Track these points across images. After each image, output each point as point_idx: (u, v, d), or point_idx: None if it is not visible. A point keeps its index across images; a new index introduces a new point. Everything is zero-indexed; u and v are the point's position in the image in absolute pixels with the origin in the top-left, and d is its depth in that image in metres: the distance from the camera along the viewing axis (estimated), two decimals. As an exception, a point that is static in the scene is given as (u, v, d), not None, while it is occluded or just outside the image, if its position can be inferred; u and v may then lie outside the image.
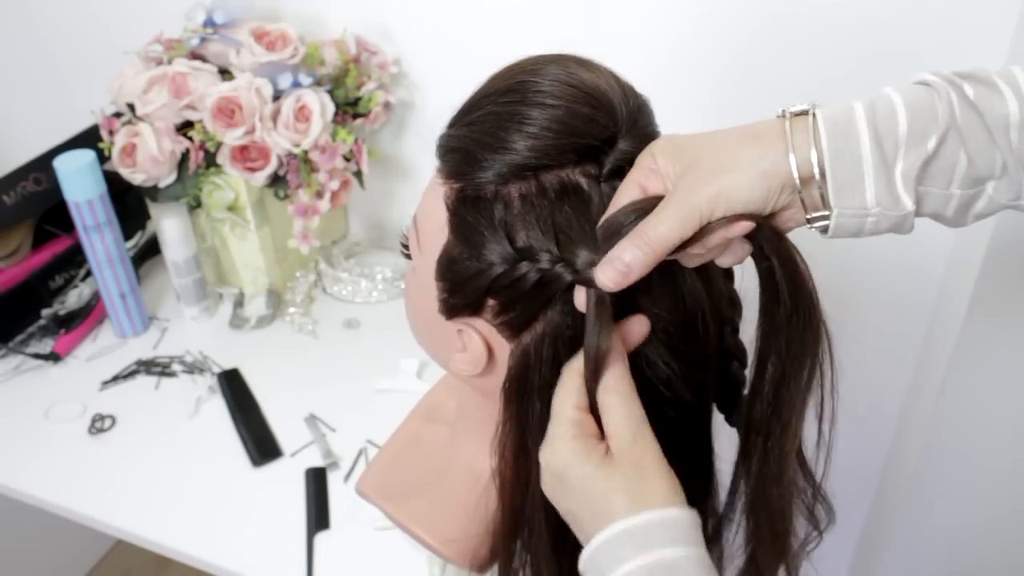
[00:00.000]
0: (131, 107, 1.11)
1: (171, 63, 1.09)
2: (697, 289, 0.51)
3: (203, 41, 1.12)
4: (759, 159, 0.46)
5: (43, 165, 1.17)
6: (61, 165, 1.06)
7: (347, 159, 1.11)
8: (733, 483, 0.56)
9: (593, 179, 0.50)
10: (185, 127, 1.10)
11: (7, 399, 1.11)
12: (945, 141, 0.45)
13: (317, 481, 0.98)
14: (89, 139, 1.16)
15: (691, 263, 0.50)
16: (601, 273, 0.47)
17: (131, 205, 1.24)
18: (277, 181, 1.10)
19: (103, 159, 1.10)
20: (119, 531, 0.96)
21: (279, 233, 1.22)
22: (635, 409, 0.49)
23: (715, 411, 0.59)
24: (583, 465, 0.48)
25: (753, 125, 0.48)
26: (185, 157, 1.10)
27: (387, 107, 1.18)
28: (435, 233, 0.54)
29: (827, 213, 0.46)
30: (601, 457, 0.48)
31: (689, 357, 0.51)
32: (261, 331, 1.21)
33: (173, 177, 1.11)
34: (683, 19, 0.99)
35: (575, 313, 0.50)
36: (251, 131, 1.05)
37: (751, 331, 0.52)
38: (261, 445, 1.02)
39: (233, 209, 1.17)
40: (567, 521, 0.50)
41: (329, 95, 1.09)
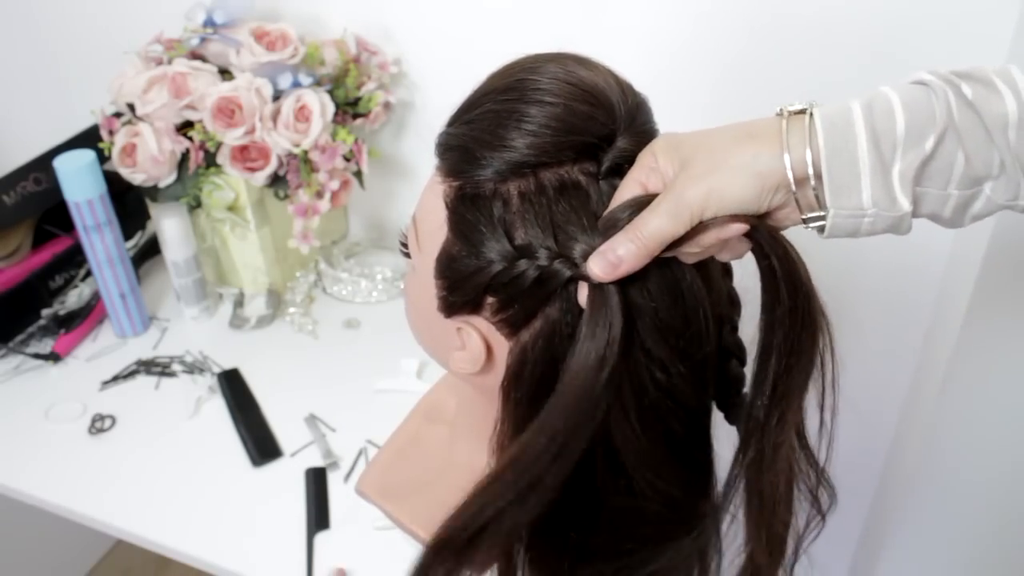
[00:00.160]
0: (131, 107, 1.11)
1: (171, 63, 1.09)
2: (696, 286, 0.51)
3: (203, 41, 1.12)
4: (753, 159, 0.45)
5: (43, 165, 1.17)
6: (61, 165, 1.06)
7: (347, 159, 1.11)
8: (730, 476, 0.56)
9: (592, 177, 0.50)
10: (185, 127, 1.10)
11: (7, 399, 1.11)
12: (943, 141, 0.44)
13: (317, 481, 0.98)
14: (89, 139, 1.16)
15: (689, 260, 0.50)
16: (593, 263, 0.47)
17: (131, 205, 1.24)
18: (277, 181, 1.10)
19: (103, 159, 1.10)
20: (119, 531, 0.96)
21: (279, 233, 1.22)
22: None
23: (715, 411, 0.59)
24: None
25: (749, 123, 0.48)
26: (185, 157, 1.10)
27: (387, 107, 1.18)
28: (434, 231, 0.54)
29: (823, 213, 0.46)
30: None
31: (689, 354, 0.51)
32: (261, 331, 1.21)
33: (173, 177, 1.11)
34: (683, 19, 0.99)
35: (574, 310, 0.50)
36: (251, 131, 1.05)
37: (751, 330, 0.52)
38: (261, 445, 1.02)
39: (233, 209, 1.17)
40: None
41: (329, 95, 1.09)
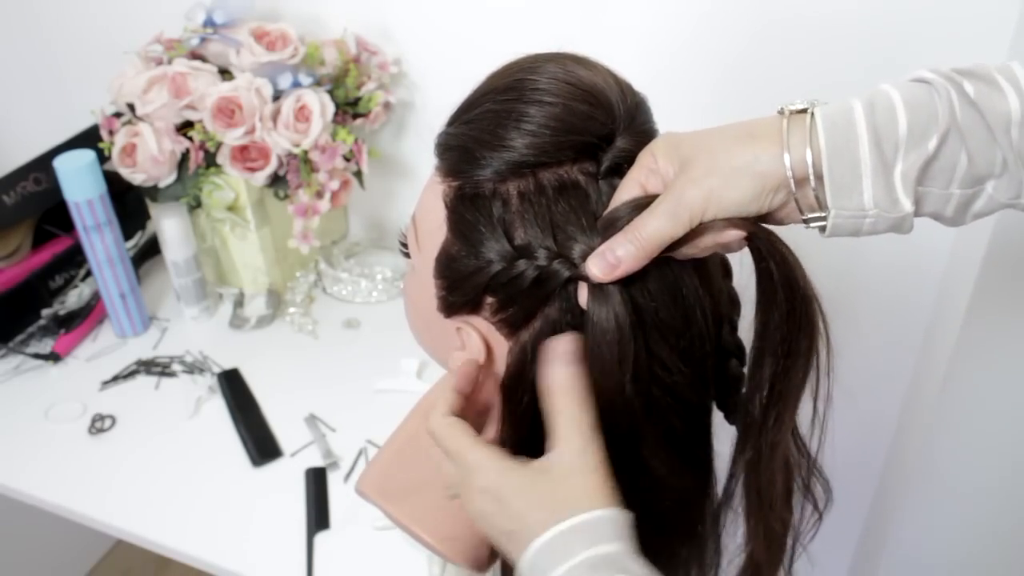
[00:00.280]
0: (131, 107, 1.11)
1: (171, 63, 1.09)
2: (696, 286, 0.51)
3: (203, 41, 1.12)
4: (754, 159, 0.45)
5: (43, 165, 1.17)
6: (61, 165, 1.06)
7: (347, 159, 1.11)
8: (729, 476, 0.56)
9: (591, 176, 0.50)
10: (185, 127, 1.10)
11: (7, 399, 1.11)
12: (946, 141, 0.44)
13: (317, 481, 0.98)
14: (89, 139, 1.16)
15: (686, 257, 0.50)
16: (592, 264, 0.48)
17: (131, 205, 1.24)
18: (277, 181, 1.10)
19: (103, 159, 1.10)
20: (119, 531, 0.96)
21: (279, 233, 1.22)
22: (586, 412, 0.48)
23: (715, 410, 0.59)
24: (516, 476, 0.48)
25: (750, 123, 0.47)
26: (185, 157, 1.10)
27: (387, 107, 1.18)
28: (434, 231, 0.54)
29: (824, 214, 0.46)
30: (532, 467, 0.48)
31: (689, 353, 0.51)
32: (261, 331, 1.21)
33: (173, 177, 1.11)
34: (683, 19, 0.99)
35: (573, 310, 0.50)
36: (251, 131, 1.05)
37: (749, 331, 0.52)
38: (261, 445, 1.02)
39: (233, 209, 1.17)
40: (501, 543, 0.49)
41: (329, 95, 1.09)
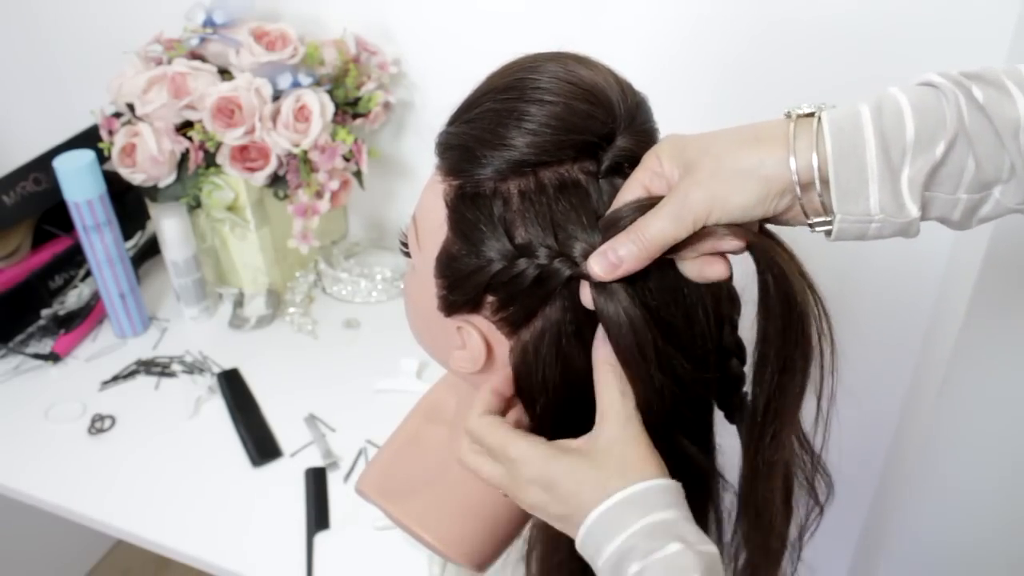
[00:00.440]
0: (131, 107, 1.11)
1: (171, 63, 1.09)
2: (696, 285, 0.51)
3: (203, 41, 1.12)
4: (759, 164, 0.45)
5: (43, 165, 1.17)
6: (61, 165, 1.06)
7: (347, 159, 1.11)
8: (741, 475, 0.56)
9: (591, 175, 0.50)
10: (185, 127, 1.10)
11: (7, 399, 1.11)
12: (954, 147, 0.44)
13: (317, 481, 0.98)
14: (89, 139, 1.16)
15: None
16: (594, 263, 0.48)
17: (131, 205, 1.24)
18: (277, 181, 1.10)
19: (103, 159, 1.10)
20: (119, 531, 0.96)
21: (279, 233, 1.22)
22: (628, 388, 0.50)
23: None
24: (561, 461, 0.50)
25: (756, 126, 0.47)
26: (185, 157, 1.10)
27: (387, 107, 1.18)
28: (434, 230, 0.54)
29: (829, 218, 0.46)
30: (574, 449, 0.50)
31: (691, 353, 0.51)
32: (261, 331, 1.21)
33: (173, 177, 1.11)
34: (683, 20, 0.99)
35: (575, 309, 0.50)
36: (251, 131, 1.05)
37: (751, 328, 0.52)
38: (261, 445, 1.02)
39: (233, 209, 1.17)
40: (563, 530, 0.51)
41: (329, 95, 1.09)
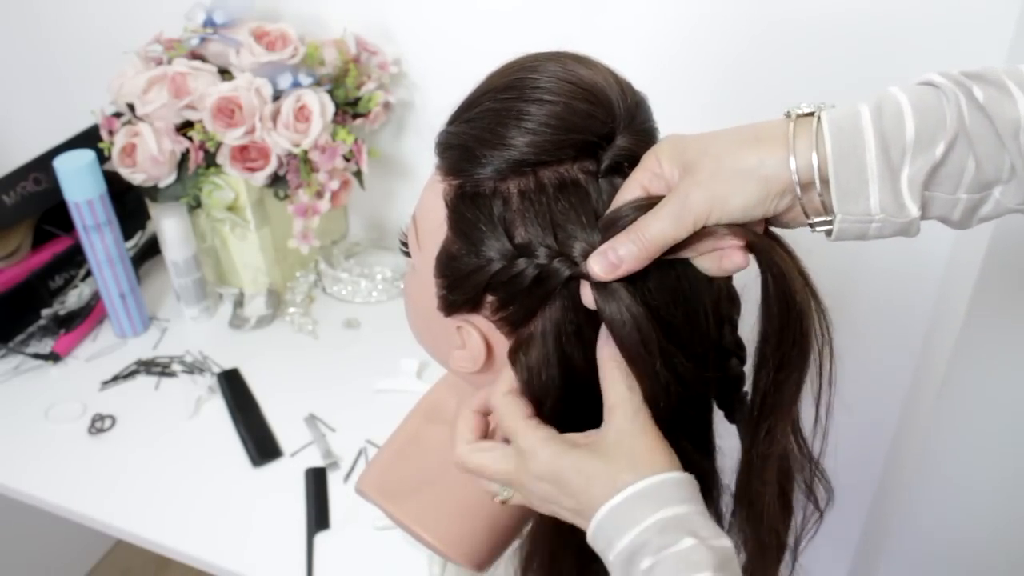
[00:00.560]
0: (131, 107, 1.11)
1: (171, 63, 1.09)
2: (696, 285, 0.51)
3: (203, 41, 1.12)
4: (759, 164, 0.45)
5: (43, 165, 1.17)
6: (61, 165, 1.06)
7: (347, 159, 1.11)
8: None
9: (591, 175, 0.50)
10: (185, 127, 1.10)
11: (7, 399, 1.11)
12: (954, 147, 0.44)
13: (317, 481, 0.98)
14: (89, 139, 1.16)
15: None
16: (594, 262, 0.48)
17: (131, 205, 1.24)
18: (277, 181, 1.10)
19: (103, 159, 1.10)
20: (119, 531, 0.96)
21: (279, 233, 1.22)
22: (634, 383, 0.50)
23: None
24: (570, 456, 0.49)
25: (756, 126, 0.47)
26: (185, 157, 1.10)
27: (387, 107, 1.18)
28: (434, 230, 0.54)
29: (830, 218, 0.46)
30: (583, 444, 0.50)
31: (691, 352, 0.51)
32: (261, 331, 1.21)
33: (173, 177, 1.11)
34: (683, 19, 0.98)
35: (575, 308, 0.50)
36: (251, 131, 1.05)
37: (752, 328, 0.52)
38: (261, 445, 1.02)
39: (233, 209, 1.17)
40: (576, 524, 0.50)
41: (329, 95, 1.09)
